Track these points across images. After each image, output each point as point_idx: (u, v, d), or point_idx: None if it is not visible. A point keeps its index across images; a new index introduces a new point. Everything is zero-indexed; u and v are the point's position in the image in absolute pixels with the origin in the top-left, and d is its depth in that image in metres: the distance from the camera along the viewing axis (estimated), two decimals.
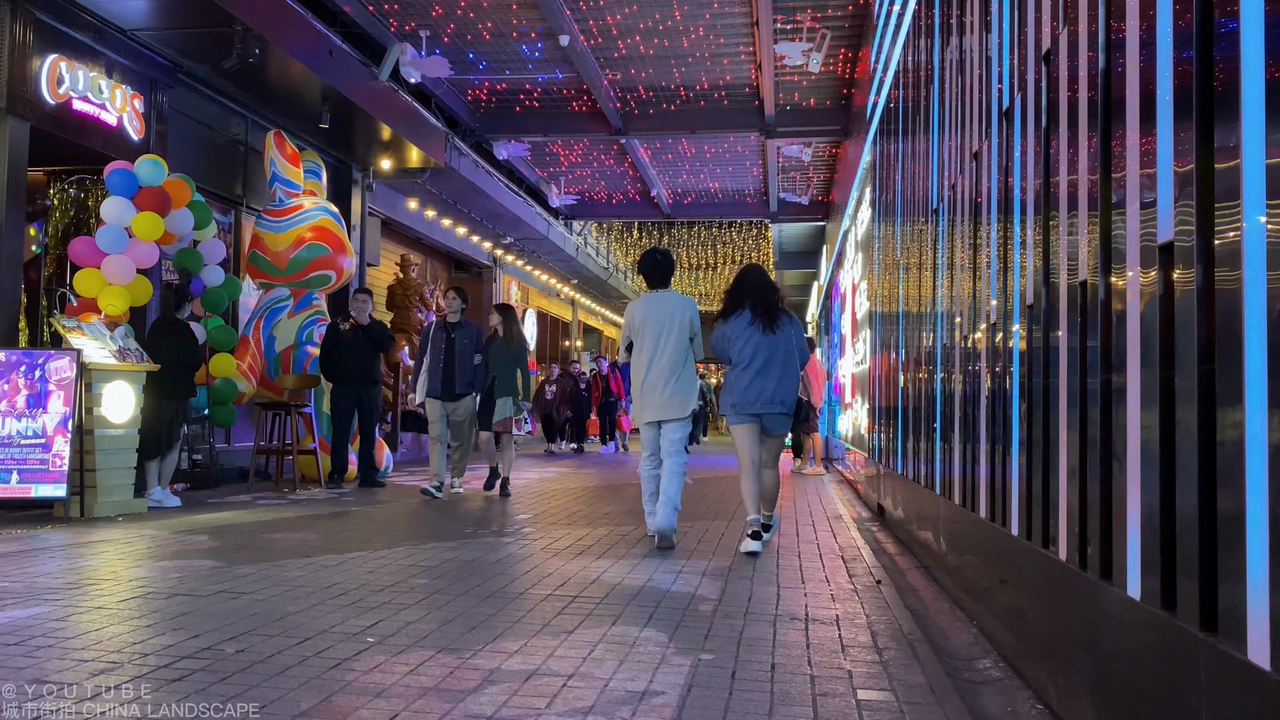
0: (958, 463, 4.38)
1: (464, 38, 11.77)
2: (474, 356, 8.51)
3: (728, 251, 24.82)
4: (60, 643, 3.26)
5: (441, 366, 8.47)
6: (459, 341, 8.52)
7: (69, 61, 7.63)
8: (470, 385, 8.51)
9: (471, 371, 8.53)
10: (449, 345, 8.52)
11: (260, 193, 10.33)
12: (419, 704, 2.67)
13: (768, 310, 5.72)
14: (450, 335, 8.55)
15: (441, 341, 8.54)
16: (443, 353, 8.51)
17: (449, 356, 8.49)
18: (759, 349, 5.65)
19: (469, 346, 8.54)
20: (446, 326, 8.63)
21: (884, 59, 8.14)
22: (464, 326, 8.64)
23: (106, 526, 6.19)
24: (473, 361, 8.51)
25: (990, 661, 3.44)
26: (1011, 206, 3.43)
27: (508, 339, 8.60)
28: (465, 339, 8.56)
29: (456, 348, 8.50)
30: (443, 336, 8.56)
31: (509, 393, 8.47)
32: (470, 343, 8.56)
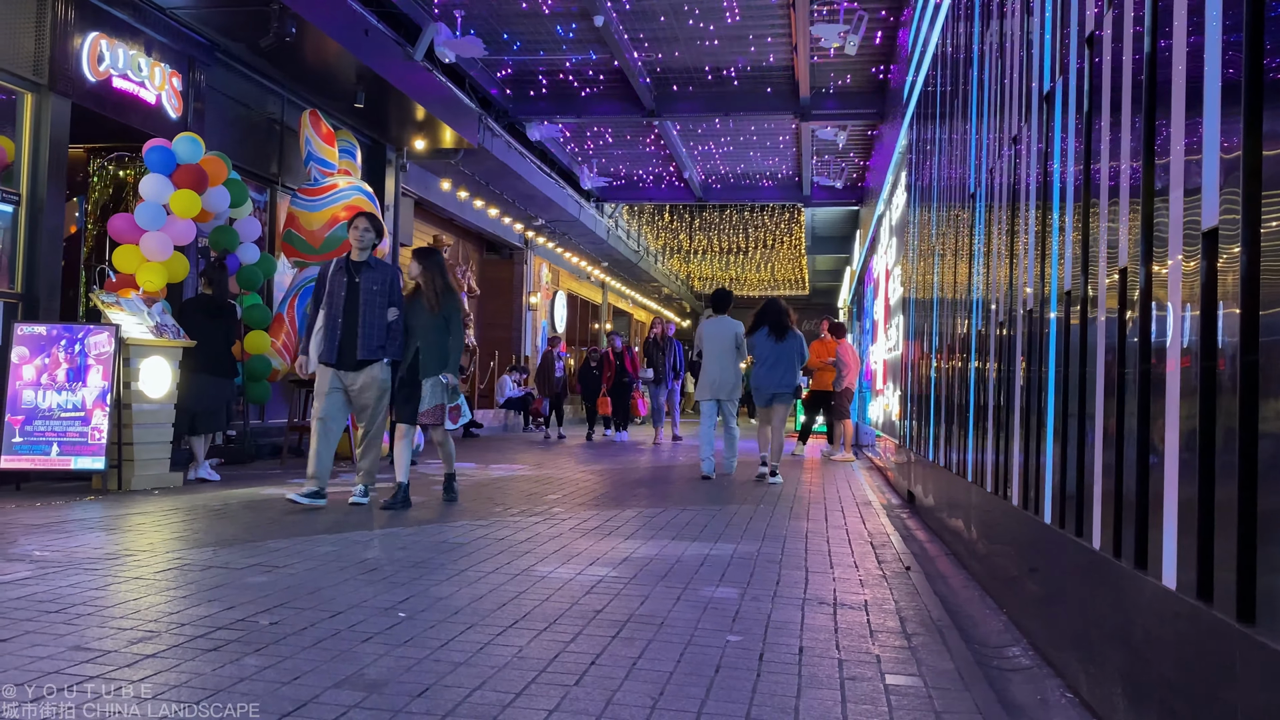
0: (990, 450, 4.35)
1: (498, 18, 11.76)
2: (388, 310, 6.30)
3: (760, 235, 24.70)
4: (99, 611, 3.32)
5: (341, 322, 6.20)
6: (365, 288, 6.24)
7: (109, 39, 7.71)
8: (379, 350, 6.24)
9: (382, 331, 6.26)
10: (351, 293, 6.23)
11: (295, 171, 10.40)
12: (449, 678, 2.70)
13: (777, 329, 9.01)
14: (354, 279, 6.26)
15: (341, 287, 6.25)
16: (343, 303, 6.22)
17: (350, 308, 6.21)
18: (771, 352, 9.01)
19: (380, 296, 6.27)
20: (349, 266, 6.29)
21: (921, 41, 8.05)
22: (375, 268, 6.33)
23: (143, 499, 6.29)
24: (385, 317, 6.29)
25: (1020, 649, 3.42)
26: (1051, 192, 3.39)
27: (428, 297, 6.36)
28: (375, 285, 6.26)
29: (362, 296, 6.22)
30: (343, 280, 6.26)
31: (439, 369, 6.31)
32: (382, 290, 6.29)
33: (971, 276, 5.07)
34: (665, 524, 5.87)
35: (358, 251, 6.33)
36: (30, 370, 6.48)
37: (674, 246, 27.42)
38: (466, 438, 14.48)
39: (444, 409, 6.37)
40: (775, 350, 8.94)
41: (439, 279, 6.45)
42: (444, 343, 6.35)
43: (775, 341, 8.94)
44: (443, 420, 6.37)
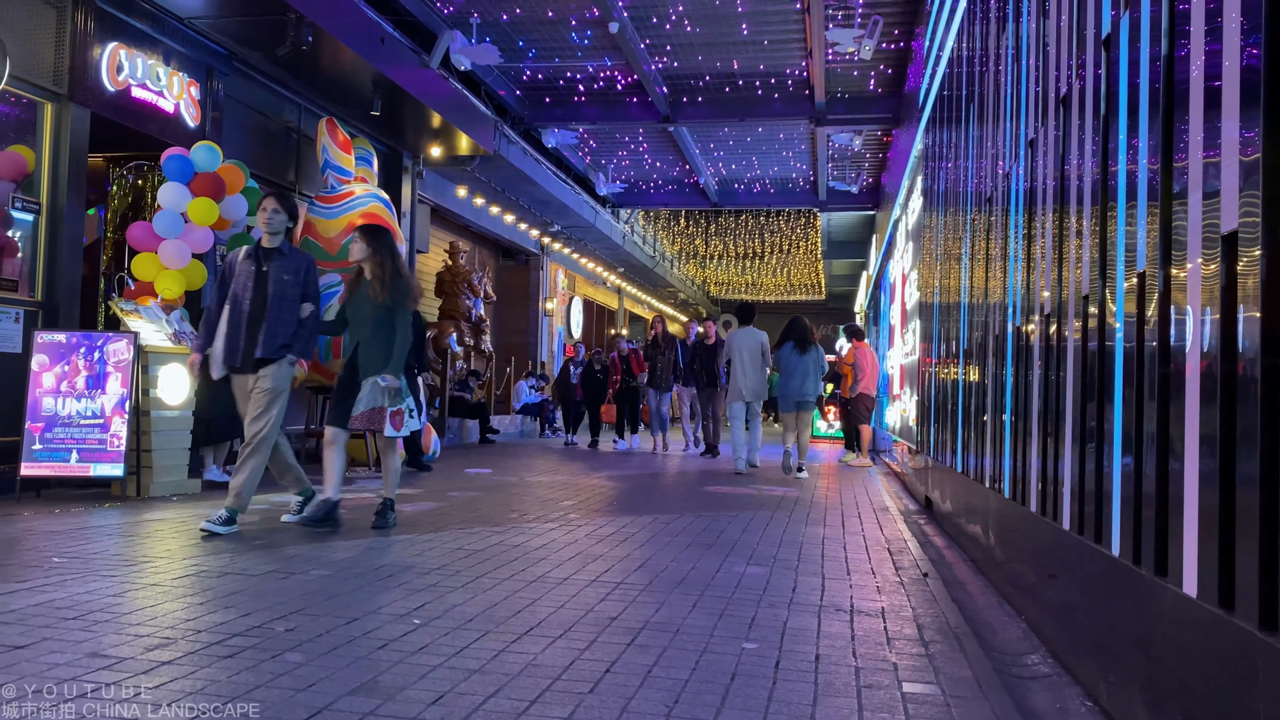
0: (1008, 456, 4.31)
1: (513, 25, 11.79)
2: (299, 304, 5.51)
3: (775, 240, 24.65)
4: (117, 618, 3.33)
5: (246, 317, 5.39)
6: (275, 278, 5.44)
7: (128, 49, 7.77)
8: (282, 348, 5.42)
9: (290, 326, 5.45)
10: (259, 283, 5.42)
11: (312, 179, 10.45)
12: (464, 686, 2.70)
13: (801, 343, 10.17)
14: (262, 268, 5.46)
15: (249, 277, 5.44)
16: (249, 295, 5.41)
17: (256, 300, 5.40)
18: (796, 364, 10.14)
19: (292, 288, 5.49)
20: (258, 254, 5.50)
21: (937, 46, 8.02)
22: (288, 256, 5.53)
23: (161, 506, 6.32)
24: (296, 312, 5.49)
25: (1039, 657, 3.39)
26: (1068, 195, 3.36)
27: (374, 284, 5.62)
28: (286, 274, 5.47)
29: (271, 287, 5.41)
30: (250, 270, 5.45)
31: (379, 369, 5.50)
32: (295, 281, 5.50)
33: (988, 281, 5.04)
34: (681, 530, 5.85)
35: (268, 236, 5.53)
36: (50, 378, 6.53)
37: (690, 251, 27.41)
38: (483, 444, 14.50)
39: (382, 414, 5.48)
40: (800, 362, 10.14)
41: (389, 263, 5.62)
42: (388, 338, 5.55)
43: (799, 354, 10.16)
44: (381, 426, 5.48)
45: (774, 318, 32.60)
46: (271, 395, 5.40)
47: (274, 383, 5.41)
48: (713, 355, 12.62)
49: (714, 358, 12.56)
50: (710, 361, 12.63)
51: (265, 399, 5.39)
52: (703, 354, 12.81)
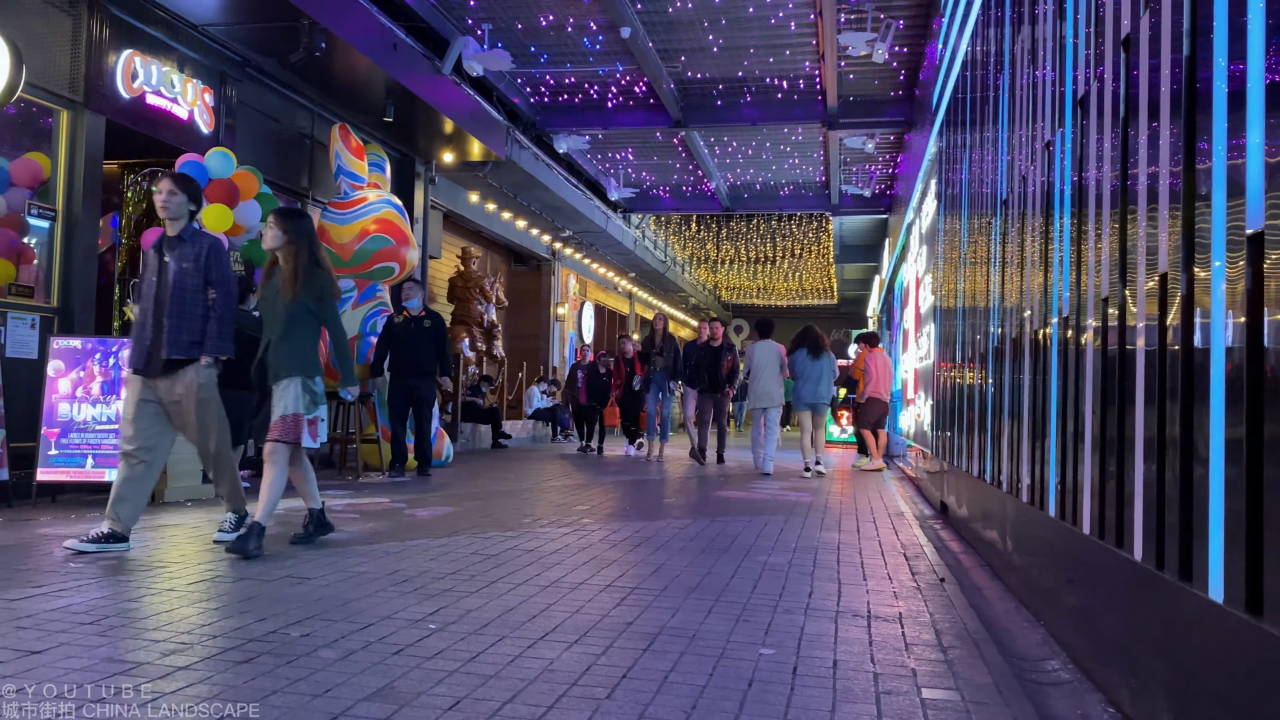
0: (1026, 460, 4.28)
1: (525, 31, 11.81)
2: (203, 294, 4.93)
3: (787, 245, 24.62)
4: (133, 623, 3.34)
5: (150, 315, 4.89)
6: (176, 268, 4.87)
7: (143, 56, 7.81)
8: (192, 346, 4.87)
9: (197, 321, 4.89)
10: (161, 275, 4.91)
11: (325, 185, 10.49)
12: (480, 692, 2.68)
13: (814, 349, 10.99)
14: (164, 259, 4.92)
15: (153, 270, 4.95)
16: (153, 289, 4.91)
17: (159, 295, 4.89)
18: (810, 369, 10.98)
19: (193, 276, 4.89)
20: (161, 245, 4.98)
21: (951, 48, 7.99)
22: (188, 242, 4.93)
23: (176, 511, 6.33)
24: (201, 304, 4.92)
25: (1059, 663, 3.36)
26: (1086, 197, 3.34)
27: (286, 277, 5.00)
28: (187, 262, 4.88)
29: (172, 278, 4.86)
30: (154, 262, 4.95)
31: (293, 371, 4.95)
32: (197, 269, 4.90)
33: (1005, 284, 5.01)
34: (695, 535, 5.84)
35: (168, 223, 4.95)
36: (66, 383, 6.55)
37: (701, 256, 27.40)
38: (495, 449, 14.50)
39: (299, 421, 4.94)
40: (814, 367, 10.99)
41: (304, 252, 4.99)
42: (302, 336, 4.96)
43: (813, 360, 10.98)
44: (298, 436, 4.94)
45: (786, 322, 32.62)
46: (200, 402, 4.92)
47: (200, 392, 4.92)
48: (717, 358, 11.94)
49: (718, 360, 11.92)
50: (714, 365, 11.92)
51: (194, 407, 4.90)
52: (706, 356, 12.00)
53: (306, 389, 4.97)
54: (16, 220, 7.06)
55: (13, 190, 7.05)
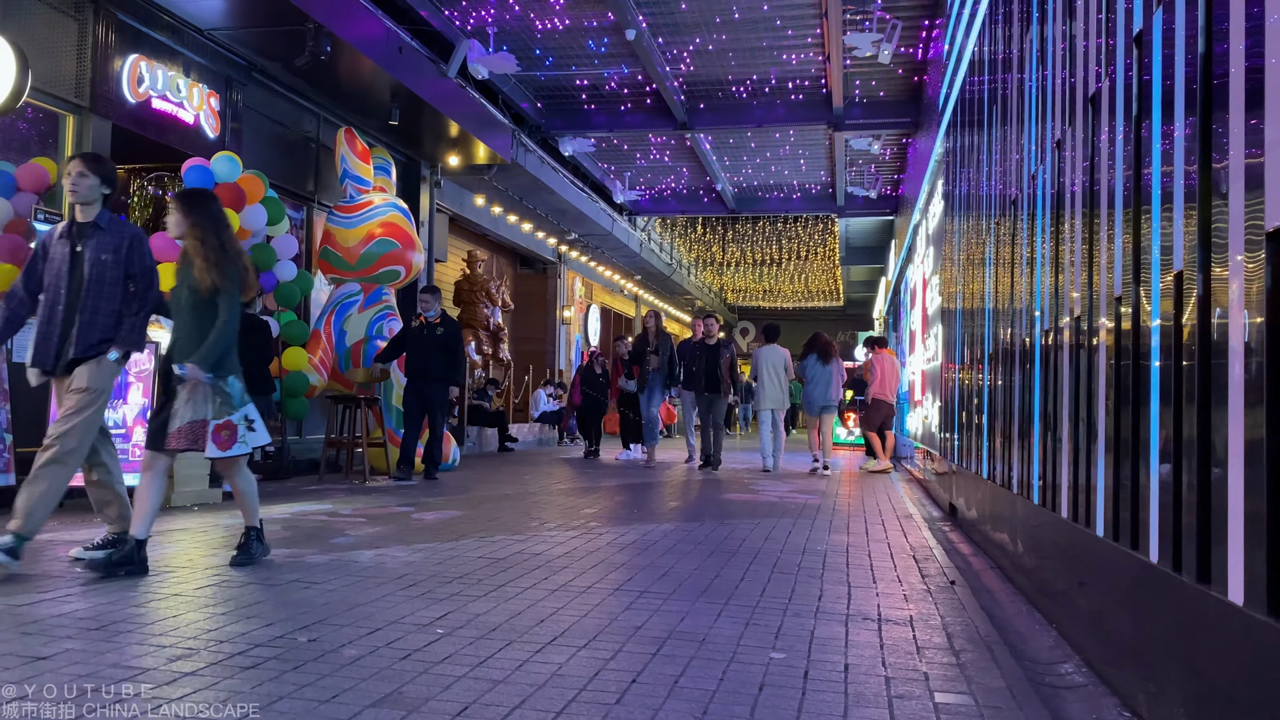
0: (1037, 461, 4.25)
1: (530, 34, 11.81)
2: (121, 288, 4.49)
3: (793, 247, 24.59)
4: (139, 629, 3.32)
5: (60, 310, 4.43)
6: (92, 259, 4.45)
7: (149, 61, 7.81)
8: (101, 344, 4.42)
9: (110, 317, 4.46)
10: (73, 267, 4.45)
11: (331, 189, 10.49)
12: (488, 697, 2.66)
13: (823, 355, 11.66)
14: (76, 248, 4.47)
15: (63, 259, 4.47)
16: (65, 281, 4.45)
17: (71, 289, 4.44)
18: (820, 374, 11.69)
19: (112, 268, 4.46)
20: (72, 230, 4.51)
21: (958, 48, 7.96)
22: (107, 230, 4.50)
23: (183, 515, 6.32)
24: (118, 299, 4.48)
25: (1072, 666, 3.33)
26: (1098, 196, 3.31)
27: (199, 266, 4.49)
28: (105, 253, 4.45)
29: (87, 270, 4.44)
30: (65, 251, 4.48)
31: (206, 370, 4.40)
32: (117, 261, 4.47)
33: (1014, 284, 4.98)
34: (703, 538, 5.81)
35: (80, 209, 4.50)
36: None
37: (707, 259, 27.38)
38: (502, 452, 14.48)
39: (204, 428, 4.41)
40: (823, 371, 11.66)
41: (212, 237, 4.51)
42: (208, 333, 4.44)
43: (822, 365, 11.66)
44: (201, 444, 4.40)
45: (792, 324, 32.58)
46: (88, 397, 4.36)
47: (90, 382, 4.37)
48: (715, 356, 11.34)
49: (716, 359, 11.33)
50: (712, 364, 11.32)
51: (78, 401, 4.35)
52: (703, 355, 11.40)
53: (217, 390, 4.44)
54: (23, 225, 7.05)
55: (19, 195, 7.04)
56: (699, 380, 11.41)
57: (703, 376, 11.37)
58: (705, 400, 11.51)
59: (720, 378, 11.33)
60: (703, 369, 11.35)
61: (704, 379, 11.37)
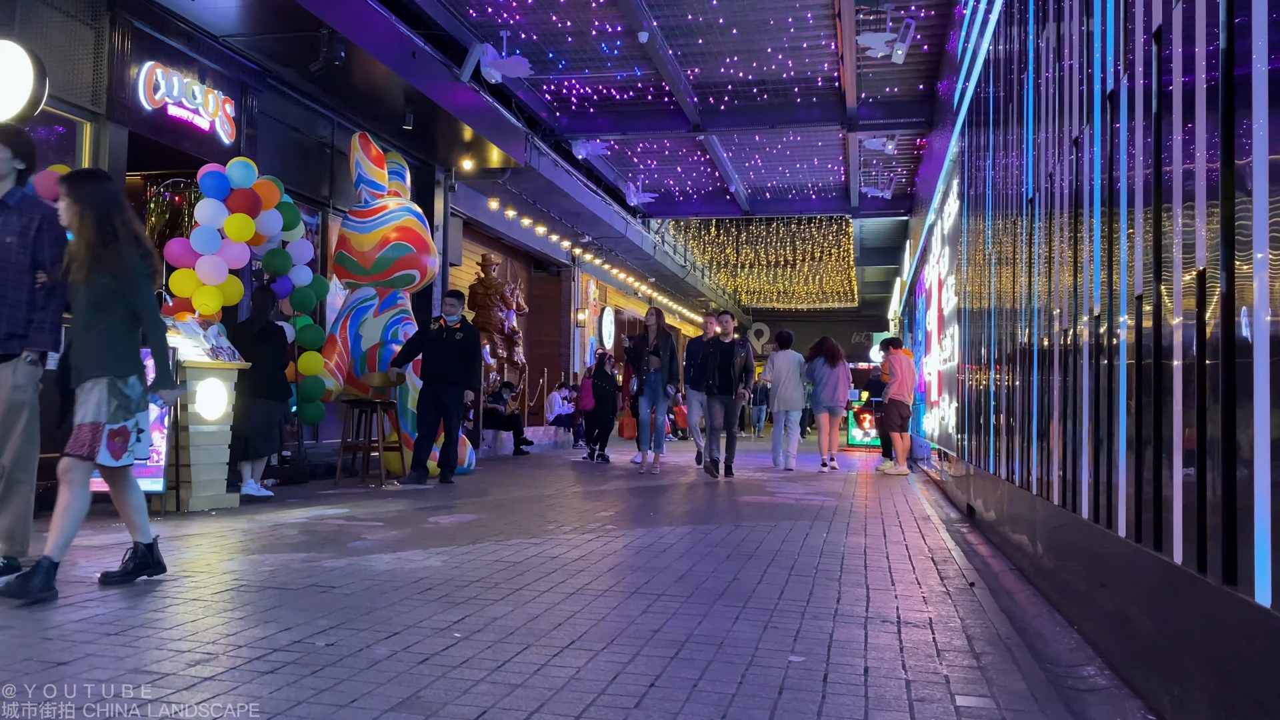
0: (1056, 462, 4.21)
1: (543, 37, 11.82)
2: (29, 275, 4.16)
3: (807, 248, 24.54)
4: (158, 633, 3.33)
5: None
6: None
7: (164, 68, 7.86)
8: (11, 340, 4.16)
9: (22, 307, 4.16)
10: None
11: (346, 194, 10.52)
12: (507, 701, 2.65)
13: (831, 359, 12.37)
14: None
15: None
16: None
17: None
18: (828, 376, 12.38)
19: (16, 252, 4.13)
20: None
21: (972, 47, 7.92)
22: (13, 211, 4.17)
23: (201, 520, 6.35)
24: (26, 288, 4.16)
25: (1095, 669, 3.29)
26: (1117, 194, 3.28)
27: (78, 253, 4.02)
28: (11, 234, 4.13)
29: None
30: None
31: (100, 370, 4.01)
32: (23, 244, 4.14)
33: (1031, 284, 4.94)
34: (719, 540, 5.79)
35: None
36: None
37: (721, 261, 27.35)
38: (517, 455, 14.49)
39: (99, 431, 3.96)
40: (831, 374, 12.33)
41: (93, 220, 4.01)
42: (111, 326, 4.03)
43: (830, 368, 12.32)
44: (93, 450, 3.95)
45: (807, 326, 32.41)
46: (18, 411, 4.09)
47: (15, 394, 4.08)
48: (729, 356, 10.63)
49: (730, 358, 10.61)
50: (726, 363, 10.60)
51: (11, 417, 4.08)
52: (716, 354, 10.70)
53: (115, 392, 3.99)
54: None
55: None
56: (710, 380, 10.74)
57: (715, 376, 10.71)
58: (718, 402, 10.77)
59: (734, 378, 10.67)
60: (715, 368, 10.69)
61: (717, 379, 10.71)
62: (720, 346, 10.81)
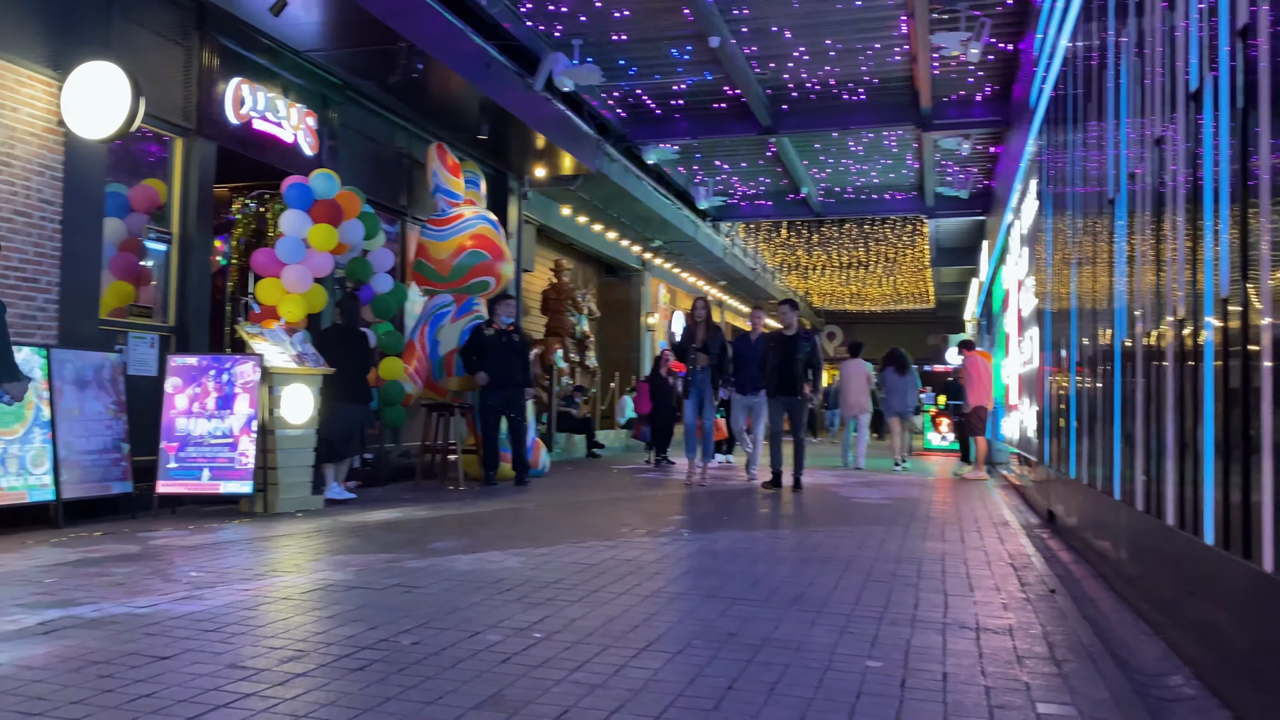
0: (1140, 467, 4.13)
1: (614, 44, 11.91)
2: None
3: (881, 249, 24.24)
4: (252, 630, 3.46)
5: None
6: None
7: (250, 84, 8.12)
8: None
9: None
10: None
11: (424, 203, 10.73)
12: (587, 701, 2.71)
13: (899, 367, 13.13)
14: None
15: None
16: None
17: None
18: (896, 384, 13.18)
19: None
20: None
21: (1050, 44, 7.78)
22: None
23: (287, 521, 6.54)
24: None
25: (1181, 678, 3.23)
26: (1202, 194, 3.21)
27: None
28: None
29: None
30: None
31: None
32: None
33: (1113, 285, 4.85)
34: (794, 545, 5.78)
35: None
36: (183, 399, 6.84)
37: (791, 263, 27.17)
38: (589, 458, 14.61)
39: None
40: (900, 382, 13.19)
41: None
42: None
43: (899, 376, 13.17)
44: None
45: (881, 328, 32.00)
46: None
47: None
48: (792, 351, 9.32)
49: (793, 353, 9.29)
50: (790, 360, 9.28)
51: None
52: (780, 349, 9.39)
53: None
54: (136, 244, 7.41)
55: (132, 215, 7.40)
56: (772, 380, 9.42)
57: (777, 375, 9.36)
58: (780, 404, 9.48)
59: (798, 375, 9.28)
60: (778, 367, 9.35)
61: (778, 378, 9.37)
62: (782, 341, 9.49)
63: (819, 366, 9.59)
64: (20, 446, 5.94)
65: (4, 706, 2.59)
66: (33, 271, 6.43)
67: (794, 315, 9.72)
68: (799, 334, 9.53)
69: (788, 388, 9.32)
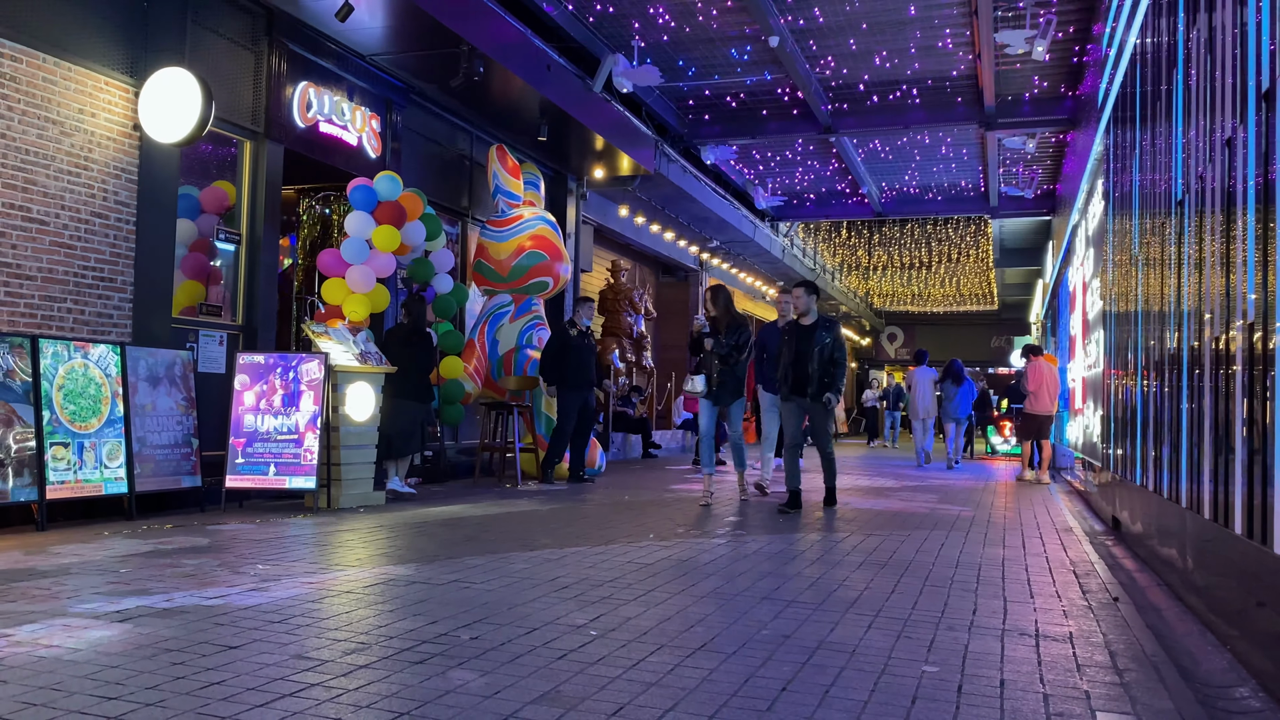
0: (1207, 474, 4.04)
1: (673, 45, 11.94)
2: None
3: (944, 249, 23.93)
4: (316, 623, 3.55)
5: None
6: None
7: (316, 88, 8.30)
8: None
9: None
10: None
11: (484, 204, 10.87)
12: (642, 699, 2.74)
13: (955, 379, 14.64)
14: None
15: None
16: None
17: None
18: (952, 392, 14.69)
19: None
20: None
21: (1118, 41, 7.63)
22: None
23: (350, 517, 6.68)
24: None
25: (1248, 690, 3.16)
26: (1274, 195, 3.14)
27: None
28: None
29: None
30: None
31: None
32: None
33: (1181, 288, 4.75)
34: (851, 549, 5.76)
35: None
36: (250, 396, 7.02)
37: (852, 263, 26.94)
38: (645, 458, 14.65)
39: None
40: (956, 391, 14.77)
41: None
42: None
43: (955, 386, 14.77)
44: None
45: (943, 329, 31.61)
46: None
47: None
48: (809, 344, 7.53)
49: (809, 347, 7.51)
50: (804, 354, 7.55)
51: None
52: (794, 342, 7.67)
53: None
54: (206, 244, 7.61)
55: (203, 217, 7.61)
56: (785, 378, 7.70)
57: (790, 373, 7.65)
58: (795, 406, 7.70)
59: (812, 374, 7.52)
60: (792, 363, 7.64)
61: (791, 376, 7.64)
62: (798, 331, 7.72)
63: (843, 362, 7.65)
64: (97, 440, 6.16)
65: (83, 690, 2.70)
66: (109, 271, 6.66)
67: (811, 300, 7.81)
68: (818, 322, 7.70)
69: (800, 387, 7.59)
